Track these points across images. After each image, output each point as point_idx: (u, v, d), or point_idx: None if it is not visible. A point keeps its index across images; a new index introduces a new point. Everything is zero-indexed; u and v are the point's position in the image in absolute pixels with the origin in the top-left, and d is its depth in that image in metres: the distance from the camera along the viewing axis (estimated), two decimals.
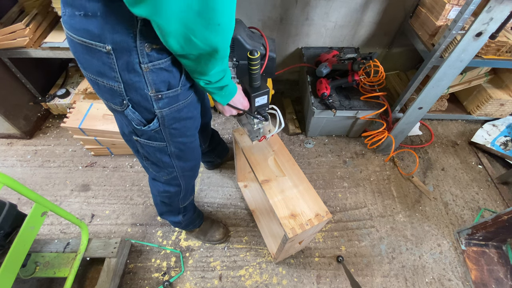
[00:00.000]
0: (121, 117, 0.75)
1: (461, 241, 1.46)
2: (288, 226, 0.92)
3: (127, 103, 0.67)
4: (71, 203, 1.55)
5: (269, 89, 0.88)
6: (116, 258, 1.24)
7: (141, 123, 0.72)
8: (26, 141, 1.82)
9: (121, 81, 0.62)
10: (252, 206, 1.54)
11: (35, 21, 1.50)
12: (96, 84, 0.66)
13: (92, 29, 0.55)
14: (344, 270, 1.36)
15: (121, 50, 0.57)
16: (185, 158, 0.92)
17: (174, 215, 1.21)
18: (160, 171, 0.94)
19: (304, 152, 1.85)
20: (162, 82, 0.65)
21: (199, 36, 0.54)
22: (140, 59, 0.59)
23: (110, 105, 0.71)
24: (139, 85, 0.64)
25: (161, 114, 0.71)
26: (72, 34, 0.59)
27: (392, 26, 1.89)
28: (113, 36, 0.55)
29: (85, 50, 0.59)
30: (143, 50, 0.58)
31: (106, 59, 0.59)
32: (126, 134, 0.82)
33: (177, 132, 0.79)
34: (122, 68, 0.60)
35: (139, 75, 0.62)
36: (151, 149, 0.83)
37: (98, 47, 0.57)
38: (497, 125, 1.99)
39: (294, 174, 1.05)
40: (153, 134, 0.76)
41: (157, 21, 0.51)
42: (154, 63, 0.61)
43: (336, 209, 1.59)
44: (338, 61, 1.69)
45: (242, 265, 1.37)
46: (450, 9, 1.45)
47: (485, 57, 1.53)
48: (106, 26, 0.54)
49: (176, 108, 0.72)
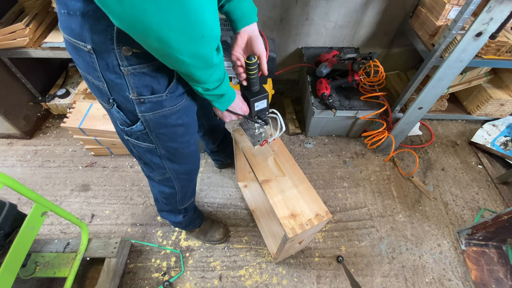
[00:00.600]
0: (110, 116, 0.75)
1: (461, 241, 1.46)
2: (288, 226, 0.92)
3: (112, 102, 0.66)
4: (71, 203, 1.55)
5: (268, 93, 0.87)
6: (116, 258, 1.24)
7: (125, 123, 0.71)
8: (26, 141, 1.82)
9: (104, 81, 0.61)
10: (252, 206, 1.54)
11: (35, 21, 1.50)
12: (87, 81, 0.66)
13: (74, 28, 0.55)
14: (344, 270, 1.36)
15: (100, 50, 0.56)
16: (178, 161, 0.90)
17: (175, 215, 1.21)
18: (152, 171, 0.93)
19: (304, 152, 1.85)
20: (145, 87, 0.62)
21: (184, 53, 0.52)
22: (119, 61, 0.57)
23: (101, 103, 0.71)
24: (121, 87, 0.62)
25: (145, 118, 0.69)
26: (62, 31, 0.59)
27: (392, 26, 1.89)
28: (92, 36, 0.54)
29: (72, 48, 0.59)
30: (121, 53, 0.56)
31: (88, 58, 0.58)
32: (119, 132, 0.81)
33: (165, 137, 0.77)
34: (103, 68, 0.59)
35: (120, 77, 0.60)
36: (141, 150, 0.81)
37: (81, 46, 0.57)
38: (497, 125, 1.99)
39: (294, 174, 1.05)
40: (140, 135, 0.75)
41: (136, 39, 0.49)
42: (134, 67, 0.59)
43: (336, 209, 1.59)
44: (338, 61, 1.69)
45: (242, 265, 1.37)
46: (450, 9, 1.45)
47: (485, 57, 1.53)
48: (85, 26, 0.53)
49: (161, 114, 0.69)
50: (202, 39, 0.51)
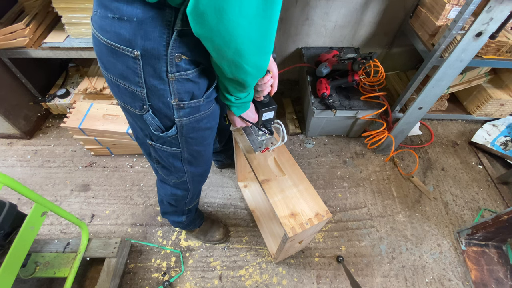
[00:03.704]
0: (136, 121, 0.75)
1: (461, 241, 1.46)
2: (288, 226, 0.92)
3: (147, 108, 0.67)
4: (71, 203, 1.55)
5: (276, 105, 0.94)
6: (116, 258, 1.24)
7: (159, 129, 0.72)
8: (26, 141, 1.82)
9: (144, 87, 0.62)
10: (252, 206, 1.54)
11: (35, 21, 1.50)
12: (116, 86, 0.65)
13: (123, 33, 0.55)
14: (344, 270, 1.36)
15: (149, 57, 0.57)
16: (196, 164, 0.92)
17: (178, 216, 1.22)
18: (170, 175, 0.94)
19: (304, 152, 1.85)
20: (186, 92, 0.65)
21: (251, 64, 0.57)
22: (168, 68, 0.59)
23: (128, 108, 0.70)
24: (163, 93, 0.63)
25: (181, 123, 0.71)
26: (99, 34, 0.58)
27: (392, 26, 1.89)
28: (145, 43, 0.55)
29: (110, 52, 0.59)
30: (172, 60, 0.58)
31: (131, 64, 0.59)
32: (140, 137, 0.82)
33: (193, 141, 0.80)
34: (148, 74, 0.60)
35: (164, 83, 0.62)
36: (164, 154, 0.83)
37: (125, 51, 0.57)
38: (497, 125, 1.99)
39: (294, 173, 1.05)
40: (168, 140, 0.76)
41: (212, 48, 0.54)
42: (181, 73, 0.61)
43: (336, 209, 1.59)
44: (338, 61, 1.69)
45: (242, 265, 1.37)
46: (450, 9, 1.45)
47: (485, 57, 1.53)
48: (139, 32, 0.54)
49: (196, 118, 0.72)
50: (267, 54, 0.59)
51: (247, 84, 0.66)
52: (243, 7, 0.46)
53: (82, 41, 1.52)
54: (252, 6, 0.47)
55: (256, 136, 1.10)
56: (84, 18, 1.44)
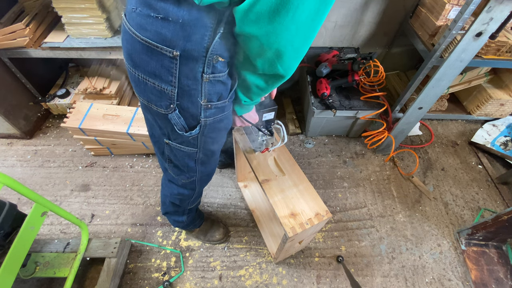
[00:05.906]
0: (157, 119, 0.74)
1: (461, 241, 1.46)
2: (288, 225, 0.92)
3: (174, 107, 0.67)
4: (71, 203, 1.55)
5: (277, 106, 0.95)
6: (116, 258, 1.24)
7: (183, 128, 0.72)
8: (26, 141, 1.82)
9: (176, 86, 0.62)
10: (252, 206, 1.54)
11: (35, 21, 1.50)
12: (143, 84, 0.65)
13: (165, 33, 0.55)
14: (344, 270, 1.36)
15: (188, 57, 0.58)
16: (208, 164, 0.93)
17: (179, 215, 1.21)
18: (181, 174, 0.94)
19: (304, 152, 1.85)
20: (215, 94, 0.67)
21: (284, 65, 0.58)
22: (205, 69, 0.60)
23: (151, 106, 0.70)
24: (194, 93, 0.64)
25: (205, 122, 0.72)
26: (136, 32, 0.58)
27: (392, 26, 1.89)
28: (186, 44, 0.56)
29: (145, 50, 0.58)
30: (210, 61, 0.59)
31: (167, 63, 0.59)
32: (156, 135, 0.82)
33: (211, 140, 0.81)
34: (183, 74, 0.60)
35: (198, 84, 0.63)
36: (180, 153, 0.83)
37: (164, 51, 0.57)
38: (497, 125, 1.99)
39: (294, 173, 1.05)
40: (188, 140, 0.77)
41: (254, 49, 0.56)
42: (215, 75, 0.62)
43: (336, 209, 1.59)
44: (338, 61, 1.69)
45: (242, 265, 1.37)
46: (450, 9, 1.45)
47: (485, 57, 1.53)
48: (181, 33, 0.55)
49: (219, 118, 0.74)
50: (300, 58, 0.60)
51: (273, 86, 0.68)
52: (297, 13, 0.48)
53: (82, 41, 1.52)
54: (305, 14, 0.49)
55: (256, 136, 1.11)
56: (84, 18, 1.44)
